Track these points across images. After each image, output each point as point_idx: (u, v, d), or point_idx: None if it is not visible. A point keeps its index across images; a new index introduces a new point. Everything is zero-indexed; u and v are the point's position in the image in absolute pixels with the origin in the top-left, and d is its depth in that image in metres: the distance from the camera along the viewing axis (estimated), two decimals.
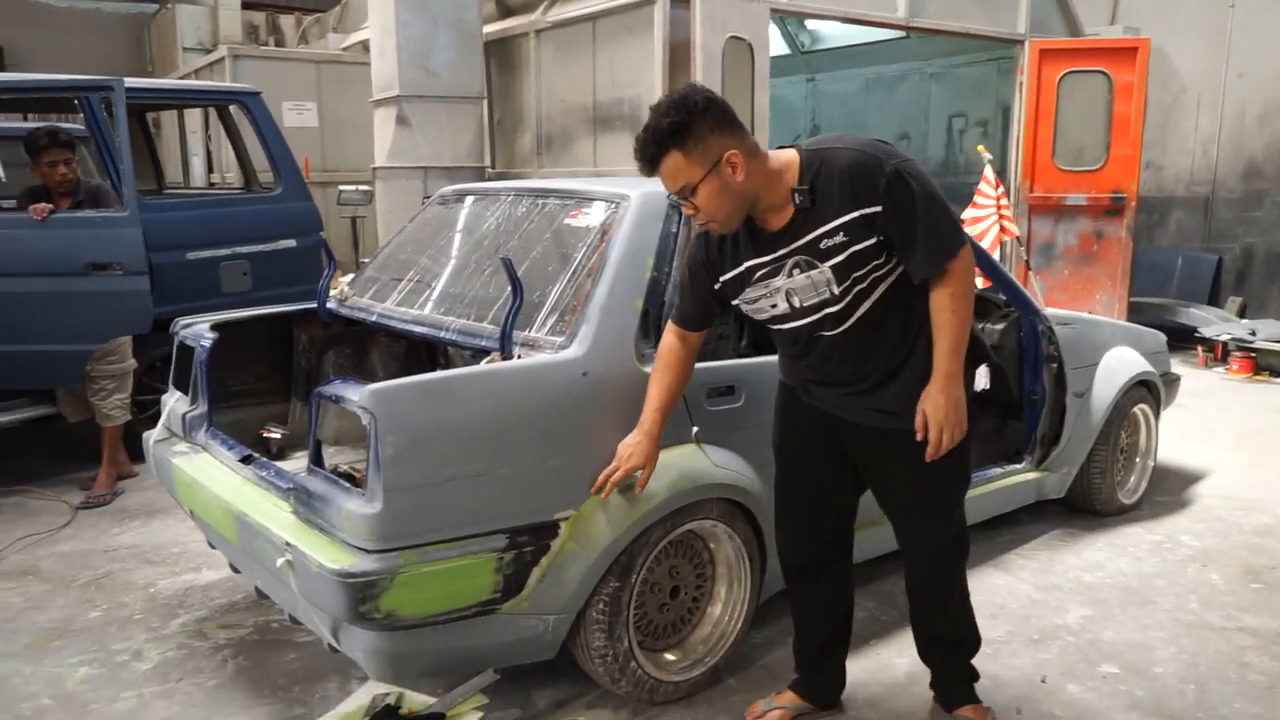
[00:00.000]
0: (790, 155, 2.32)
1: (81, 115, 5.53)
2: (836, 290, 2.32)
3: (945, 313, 2.32)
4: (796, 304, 2.37)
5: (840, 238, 2.26)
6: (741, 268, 2.41)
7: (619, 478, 2.53)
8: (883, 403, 2.45)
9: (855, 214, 2.24)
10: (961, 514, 2.65)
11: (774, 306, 2.41)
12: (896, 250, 2.29)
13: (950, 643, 2.75)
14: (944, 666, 2.79)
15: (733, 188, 2.24)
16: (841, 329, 2.38)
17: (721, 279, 2.46)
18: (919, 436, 2.36)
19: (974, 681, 2.78)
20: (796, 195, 2.27)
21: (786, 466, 2.69)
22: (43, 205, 4.60)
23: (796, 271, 2.33)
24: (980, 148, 6.42)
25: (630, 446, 2.55)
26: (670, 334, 2.60)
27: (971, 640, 2.76)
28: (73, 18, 15.18)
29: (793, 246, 2.31)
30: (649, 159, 2.24)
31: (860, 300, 2.33)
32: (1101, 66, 7.54)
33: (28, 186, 5.03)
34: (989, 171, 6.53)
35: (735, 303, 2.49)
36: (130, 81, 5.01)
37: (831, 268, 2.29)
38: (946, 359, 2.33)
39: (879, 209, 2.23)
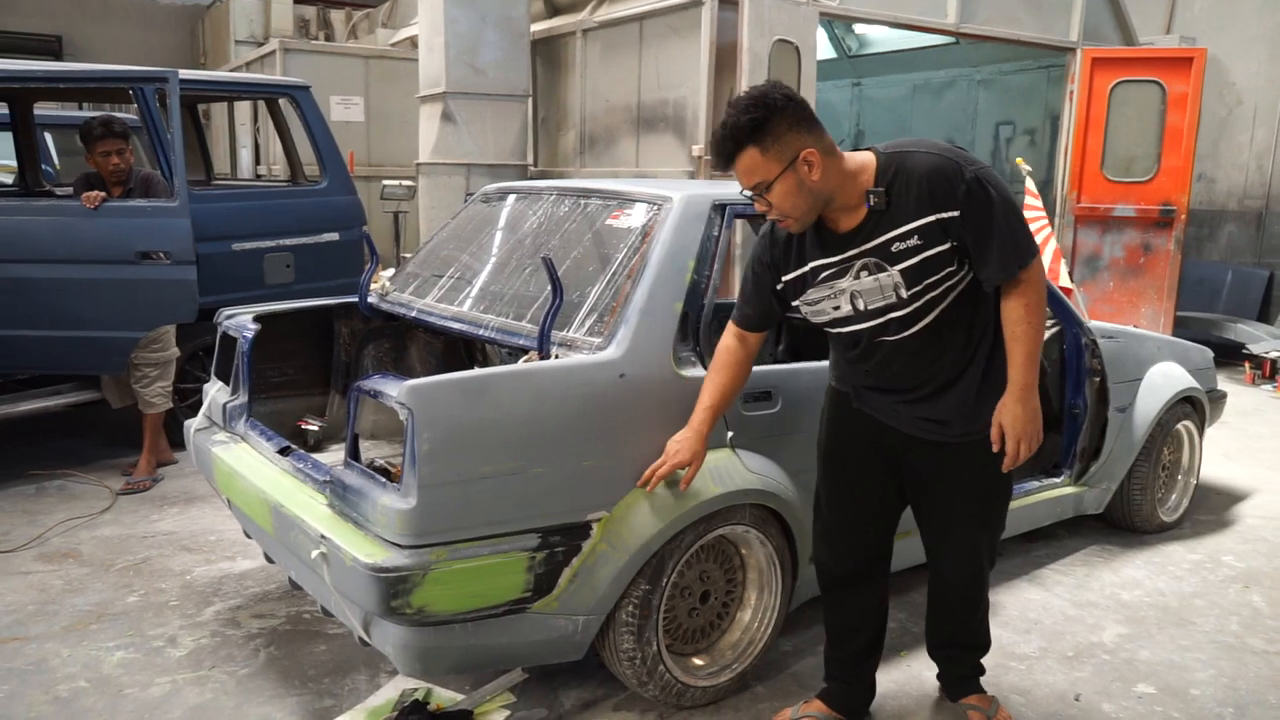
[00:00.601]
0: (866, 157, 2.32)
1: (135, 105, 5.62)
2: (905, 294, 2.30)
3: (1020, 324, 2.31)
4: (861, 307, 2.36)
5: (914, 241, 2.25)
6: (806, 267, 2.40)
7: (664, 472, 2.54)
8: (934, 412, 2.44)
9: (931, 218, 2.24)
10: (1001, 527, 2.65)
11: (836, 309, 2.40)
12: (970, 256, 2.28)
13: (964, 646, 2.79)
14: (954, 665, 2.82)
15: (808, 186, 2.24)
16: (905, 334, 2.36)
17: (784, 279, 2.45)
18: (995, 448, 2.37)
19: (981, 675, 2.81)
20: (871, 196, 2.27)
21: (831, 473, 2.67)
22: (96, 194, 4.66)
23: (864, 274, 2.32)
24: (1019, 160, 6.30)
25: (678, 443, 2.56)
26: (729, 334, 2.60)
27: (984, 644, 2.80)
28: (129, 10, 15.46)
29: (863, 248, 2.30)
30: (726, 154, 2.24)
31: (930, 307, 2.32)
32: (1155, 76, 7.40)
33: (82, 174, 5.11)
34: (1031, 184, 6.43)
35: (796, 303, 2.48)
36: (183, 73, 5.08)
37: (901, 271, 2.28)
38: (1022, 370, 2.33)
39: (956, 214, 2.22)
